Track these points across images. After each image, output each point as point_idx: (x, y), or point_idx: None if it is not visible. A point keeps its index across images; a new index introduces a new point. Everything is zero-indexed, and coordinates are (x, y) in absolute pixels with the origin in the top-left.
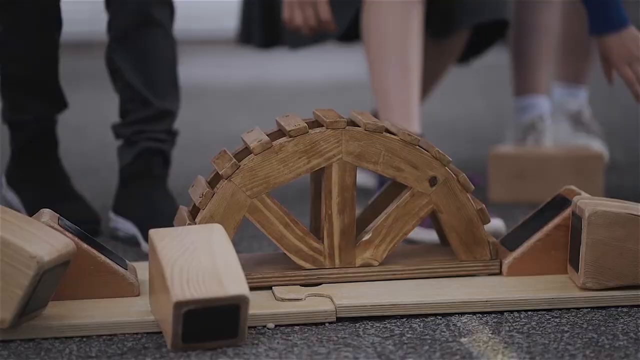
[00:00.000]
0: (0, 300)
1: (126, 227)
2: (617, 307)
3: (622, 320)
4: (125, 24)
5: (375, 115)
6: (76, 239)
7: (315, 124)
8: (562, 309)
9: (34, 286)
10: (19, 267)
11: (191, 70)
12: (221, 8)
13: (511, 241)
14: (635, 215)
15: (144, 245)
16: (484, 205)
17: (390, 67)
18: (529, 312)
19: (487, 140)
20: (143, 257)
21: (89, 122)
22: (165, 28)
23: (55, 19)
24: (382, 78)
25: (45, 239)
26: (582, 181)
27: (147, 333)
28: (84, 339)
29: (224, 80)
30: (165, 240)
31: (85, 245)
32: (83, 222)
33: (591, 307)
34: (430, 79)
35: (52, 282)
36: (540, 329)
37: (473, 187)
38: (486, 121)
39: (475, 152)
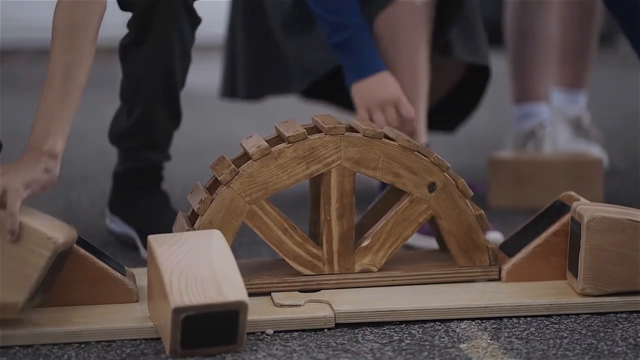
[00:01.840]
0: (13, 283)
1: (122, 227)
2: (616, 313)
3: (621, 326)
4: (142, 30)
5: None
6: (74, 245)
7: (314, 129)
8: (561, 314)
9: (47, 268)
10: (33, 248)
11: (190, 76)
12: (220, 13)
13: (510, 247)
14: (634, 221)
15: (142, 251)
16: (482, 211)
17: (399, 78)
18: (528, 318)
19: (487, 146)
20: (142, 263)
21: (88, 128)
22: (184, 43)
23: None
24: None
25: (54, 223)
26: (582, 187)
27: (146, 339)
28: (83, 345)
29: None
30: (164, 246)
31: (83, 251)
32: None
33: (590, 313)
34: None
35: (58, 267)
36: (540, 334)
37: (472, 193)
38: (486, 127)
39: (475, 159)
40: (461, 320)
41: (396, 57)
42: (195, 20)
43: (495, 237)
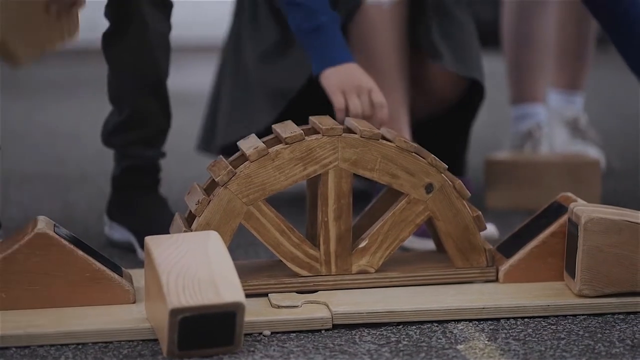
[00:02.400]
0: (29, 44)
1: (121, 232)
2: (614, 314)
3: (618, 327)
4: (117, 20)
5: None
6: (71, 246)
7: (312, 131)
8: (559, 315)
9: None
10: (66, 29)
11: (186, 77)
12: (214, 14)
13: (507, 248)
14: (631, 222)
15: (139, 252)
16: (480, 212)
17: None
18: (526, 319)
19: (484, 147)
20: (139, 264)
21: (85, 129)
22: (159, 30)
23: None
24: None
25: None
26: (579, 188)
27: (143, 340)
28: (80, 347)
29: None
30: (161, 247)
31: (80, 253)
32: None
33: (587, 314)
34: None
35: None
36: (537, 336)
37: (469, 194)
38: (483, 128)
39: (472, 160)
40: (458, 321)
41: (365, 62)
42: (167, 6)
43: (490, 230)
